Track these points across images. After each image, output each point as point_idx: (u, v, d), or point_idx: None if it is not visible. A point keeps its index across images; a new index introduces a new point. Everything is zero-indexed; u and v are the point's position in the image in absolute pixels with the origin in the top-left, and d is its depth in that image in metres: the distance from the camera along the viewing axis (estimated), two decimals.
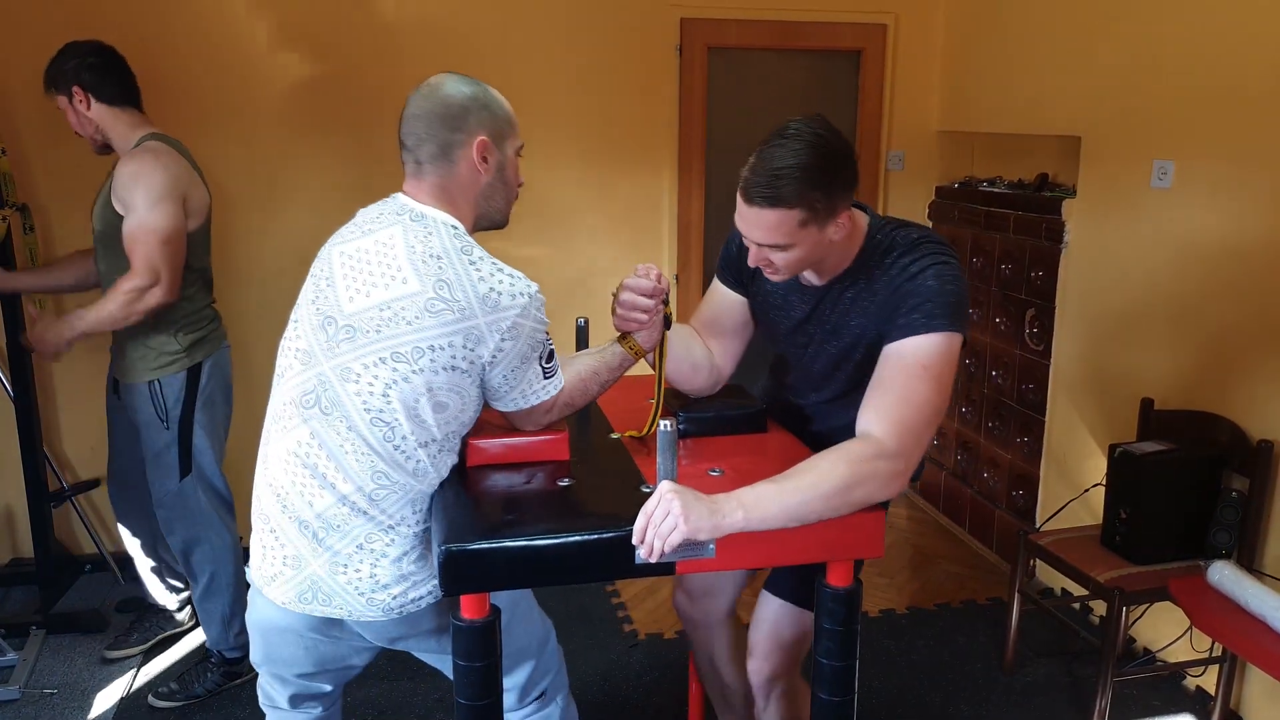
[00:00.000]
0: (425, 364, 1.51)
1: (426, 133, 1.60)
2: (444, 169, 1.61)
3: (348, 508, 1.57)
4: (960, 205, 3.79)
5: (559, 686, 1.91)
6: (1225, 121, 2.63)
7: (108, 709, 2.72)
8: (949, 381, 1.61)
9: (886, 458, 1.52)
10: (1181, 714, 2.72)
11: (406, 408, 1.53)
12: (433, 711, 2.70)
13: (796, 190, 1.54)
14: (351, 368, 1.54)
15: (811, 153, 1.54)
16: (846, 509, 1.50)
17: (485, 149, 1.62)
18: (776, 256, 1.64)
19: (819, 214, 1.58)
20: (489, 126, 1.62)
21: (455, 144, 1.60)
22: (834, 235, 1.62)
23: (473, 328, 1.52)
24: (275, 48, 3.36)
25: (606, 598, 3.33)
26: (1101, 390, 3.13)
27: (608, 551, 1.45)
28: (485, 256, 1.57)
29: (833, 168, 1.56)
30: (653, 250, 3.85)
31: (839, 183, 1.58)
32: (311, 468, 1.58)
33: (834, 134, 1.59)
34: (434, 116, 1.59)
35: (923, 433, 1.57)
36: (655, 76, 3.71)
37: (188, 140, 2.78)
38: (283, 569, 1.63)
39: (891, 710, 2.74)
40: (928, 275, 1.61)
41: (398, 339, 1.51)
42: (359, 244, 1.61)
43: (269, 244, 3.49)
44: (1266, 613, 2.23)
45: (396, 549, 1.60)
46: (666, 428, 1.43)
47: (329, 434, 1.56)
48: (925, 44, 3.91)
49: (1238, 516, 2.57)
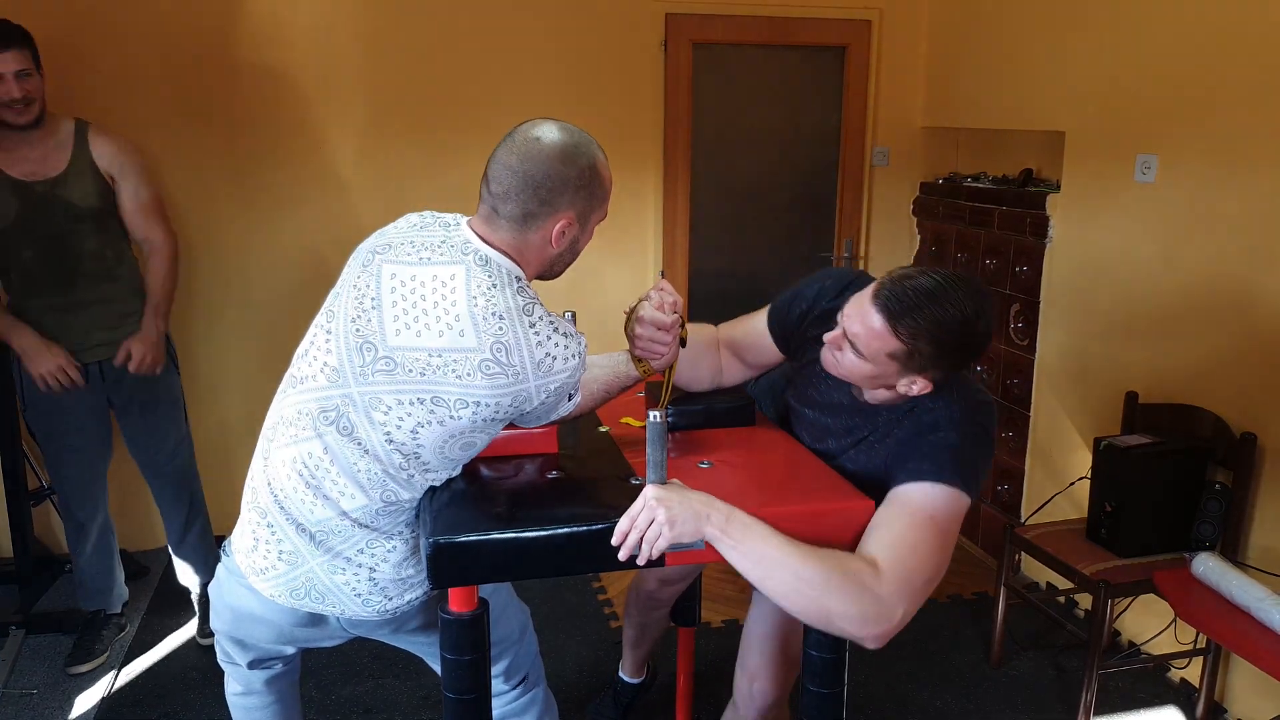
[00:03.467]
0: (466, 415, 1.48)
1: (516, 193, 1.50)
2: (519, 231, 1.52)
3: (349, 521, 1.56)
4: (945, 201, 3.80)
5: (538, 673, 1.92)
6: (1208, 116, 2.64)
7: (89, 709, 2.69)
8: (951, 544, 1.52)
9: (885, 603, 1.41)
10: (1166, 706, 2.74)
11: (432, 445, 1.51)
12: (418, 709, 2.68)
13: (913, 331, 1.48)
14: (383, 399, 1.49)
15: (953, 319, 1.47)
16: (816, 611, 1.41)
17: (567, 228, 1.54)
18: (848, 355, 1.56)
19: (912, 363, 1.51)
20: (580, 207, 1.54)
21: (539, 215, 1.51)
22: (908, 388, 1.56)
23: (523, 390, 1.49)
24: (259, 43, 3.33)
25: (593, 594, 3.32)
26: (1086, 384, 3.14)
27: (597, 544, 1.44)
28: (544, 317, 1.51)
29: (957, 346, 1.50)
30: (638, 247, 3.84)
31: (948, 360, 1.52)
32: (318, 481, 1.55)
33: (985, 323, 1.50)
34: (529, 181, 1.49)
35: (919, 594, 1.45)
36: (640, 72, 3.70)
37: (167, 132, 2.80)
38: (277, 563, 1.61)
39: (879, 703, 2.74)
40: (952, 432, 1.55)
41: (442, 387, 1.46)
42: (415, 272, 1.50)
43: (254, 239, 3.46)
44: (1250, 604, 2.24)
45: (398, 555, 1.60)
46: (655, 419, 1.42)
47: (343, 453, 1.53)
48: (910, 40, 3.91)
49: (1221, 509, 2.59)
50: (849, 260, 4.04)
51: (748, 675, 1.92)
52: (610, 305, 1.94)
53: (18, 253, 2.59)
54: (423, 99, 3.50)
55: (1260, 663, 2.13)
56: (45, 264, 2.62)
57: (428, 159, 3.52)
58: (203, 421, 3.45)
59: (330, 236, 3.45)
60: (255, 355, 3.50)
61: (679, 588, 2.34)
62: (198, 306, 3.42)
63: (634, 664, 2.55)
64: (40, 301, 2.65)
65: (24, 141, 2.56)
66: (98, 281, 2.69)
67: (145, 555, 3.51)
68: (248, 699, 1.89)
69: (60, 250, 2.62)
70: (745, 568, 1.41)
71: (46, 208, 2.58)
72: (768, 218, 4.00)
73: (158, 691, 2.76)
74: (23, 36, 2.51)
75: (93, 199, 2.62)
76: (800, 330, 1.77)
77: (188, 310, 3.38)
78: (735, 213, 3.96)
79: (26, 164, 2.56)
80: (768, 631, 1.90)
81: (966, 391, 1.61)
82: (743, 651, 1.95)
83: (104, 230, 2.67)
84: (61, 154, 2.60)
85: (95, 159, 2.63)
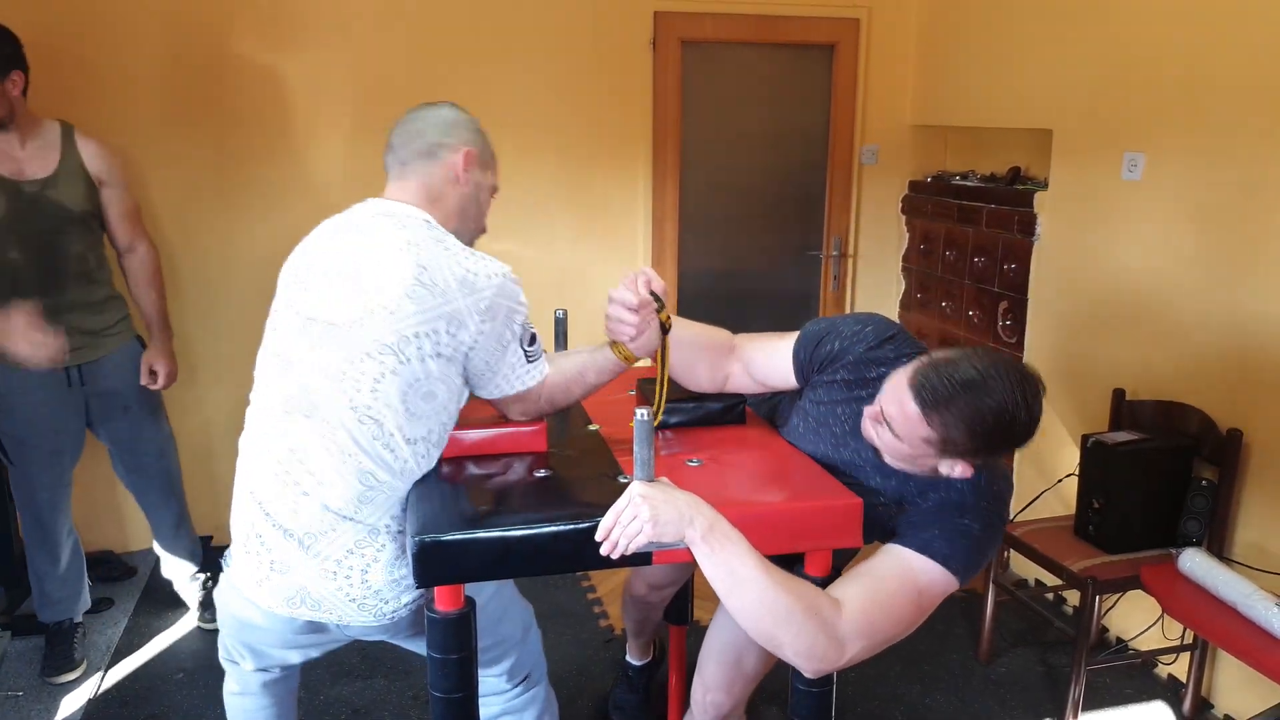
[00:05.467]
0: (412, 353, 1.50)
1: (417, 133, 1.65)
2: (426, 167, 1.64)
3: (333, 514, 1.56)
4: (933, 199, 3.80)
5: (541, 672, 1.92)
6: (1195, 114, 2.65)
7: (75, 711, 2.67)
8: (924, 617, 1.54)
9: (838, 641, 1.43)
10: (1154, 701, 2.75)
11: (396, 401, 1.51)
12: (408, 709, 2.67)
13: (947, 422, 1.45)
14: (336, 365, 1.52)
15: (990, 411, 1.44)
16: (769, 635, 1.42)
17: (470, 161, 1.67)
18: (886, 433, 1.53)
19: (948, 450, 1.49)
20: (478, 145, 1.69)
21: (443, 146, 1.65)
22: (950, 470, 1.53)
23: (454, 311, 1.51)
24: (247, 42, 3.31)
25: (582, 593, 3.32)
26: (1074, 381, 3.15)
27: (584, 542, 1.43)
28: (456, 244, 1.58)
29: (995, 438, 1.47)
30: (628, 246, 3.83)
31: (986, 450, 1.50)
32: (295, 478, 1.56)
33: (1028, 413, 1.46)
34: (428, 122, 1.67)
35: (881, 643, 1.48)
36: (629, 71, 3.69)
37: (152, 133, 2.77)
38: (270, 574, 1.62)
39: (869, 701, 2.75)
40: (977, 521, 1.55)
41: (382, 330, 1.49)
42: (334, 242, 1.61)
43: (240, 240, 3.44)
44: (1237, 599, 2.25)
45: (388, 553, 1.59)
46: (644, 417, 1.41)
47: (313, 439, 1.54)
48: (898, 38, 3.92)
49: (1208, 505, 2.60)
50: (837, 258, 4.04)
51: (703, 685, 1.92)
52: (600, 304, 1.93)
53: (4, 253, 2.54)
54: (410, 97, 3.42)
55: (1246, 658, 2.14)
56: (33, 265, 2.57)
57: None
58: (187, 421, 3.44)
59: None
60: (240, 354, 3.45)
61: (668, 592, 2.35)
62: (183, 307, 3.40)
63: (639, 649, 2.57)
64: (23, 304, 2.56)
65: (11, 143, 2.52)
66: (81, 284, 2.66)
67: (132, 556, 3.49)
68: (244, 699, 1.90)
69: (49, 251, 2.58)
70: (715, 576, 1.40)
71: (36, 208, 2.54)
72: (757, 216, 4.00)
73: (144, 693, 2.75)
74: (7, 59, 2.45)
75: (83, 202, 2.61)
76: (824, 368, 1.72)
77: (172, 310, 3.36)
78: (724, 211, 3.96)
79: (12, 163, 2.52)
80: (725, 642, 1.89)
81: (994, 475, 1.59)
82: (700, 661, 1.94)
83: (89, 233, 2.66)
84: (50, 155, 2.57)
85: (85, 162, 2.62)
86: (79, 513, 2.97)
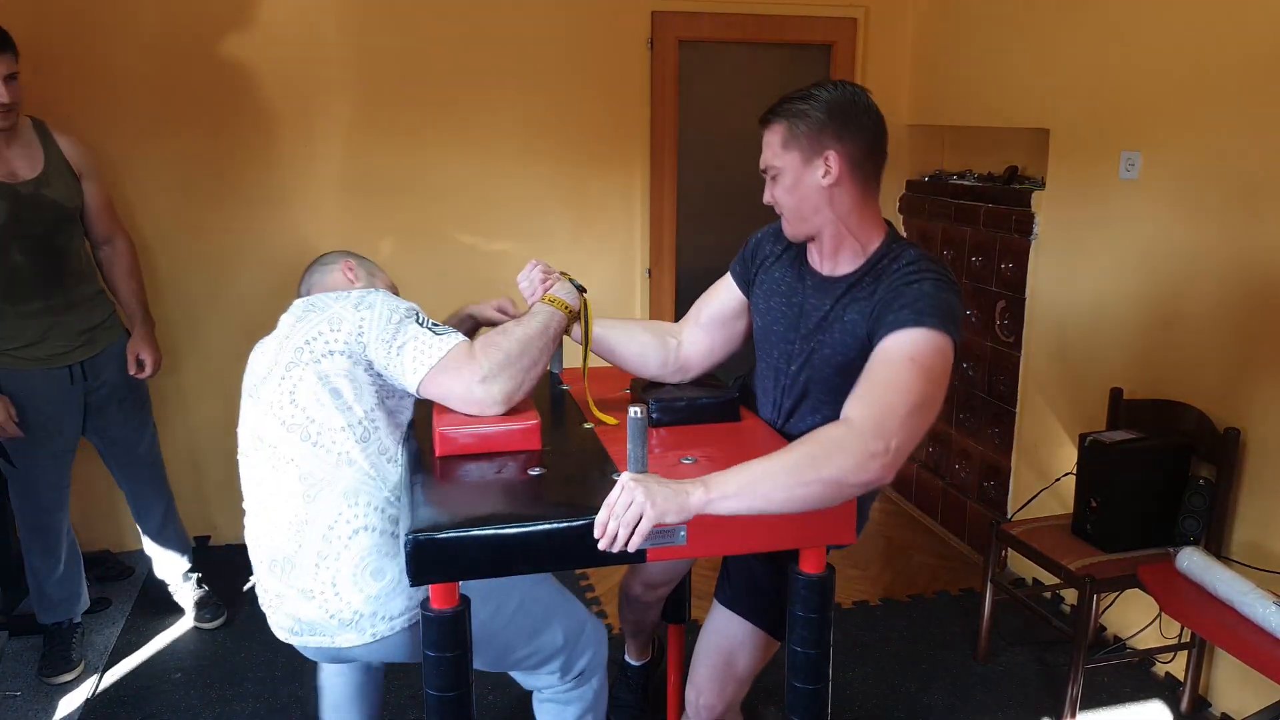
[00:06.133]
0: (307, 358, 1.66)
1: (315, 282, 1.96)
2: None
3: (295, 527, 1.67)
4: (930, 199, 3.80)
5: (595, 668, 1.96)
6: (1192, 113, 2.65)
7: (72, 711, 2.67)
8: (940, 377, 1.55)
9: (859, 436, 1.45)
10: (1152, 700, 2.75)
11: (311, 401, 1.66)
12: (405, 708, 2.67)
13: (785, 109, 1.67)
14: (268, 400, 1.70)
15: (820, 94, 1.65)
16: (819, 487, 1.42)
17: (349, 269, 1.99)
18: (776, 191, 1.73)
19: (799, 138, 1.66)
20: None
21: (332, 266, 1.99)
22: (820, 179, 1.67)
23: (331, 315, 1.69)
24: (242, 42, 3.31)
25: (580, 593, 3.32)
26: (1071, 381, 3.15)
27: (578, 540, 1.43)
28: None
29: (825, 103, 1.65)
30: (625, 246, 3.83)
31: (826, 119, 1.65)
32: (261, 507, 1.73)
33: (860, 98, 1.68)
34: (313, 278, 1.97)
35: (906, 418, 1.48)
36: (626, 70, 3.69)
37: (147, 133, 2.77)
38: (270, 608, 1.79)
39: (866, 700, 2.75)
40: (925, 283, 1.61)
41: (283, 355, 1.70)
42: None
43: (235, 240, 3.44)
44: (1234, 598, 2.25)
45: (347, 561, 1.66)
46: (636, 415, 1.42)
47: (267, 468, 1.71)
48: (895, 38, 3.92)
49: (1206, 504, 2.60)
50: None
51: (695, 689, 1.92)
52: (597, 303, 1.95)
53: (7, 255, 2.52)
54: (407, 99, 3.48)
55: (1244, 656, 2.14)
56: (34, 267, 2.56)
57: (412, 159, 3.51)
58: (174, 420, 3.45)
59: (313, 238, 3.44)
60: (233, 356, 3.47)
61: (664, 591, 2.34)
62: (180, 307, 3.41)
63: (637, 649, 2.57)
64: (26, 307, 2.57)
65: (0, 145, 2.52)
66: (79, 281, 2.68)
67: (129, 556, 3.50)
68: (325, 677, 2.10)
69: (48, 251, 2.59)
70: (749, 506, 1.40)
71: (34, 208, 2.54)
72: (755, 215, 3.94)
73: (142, 693, 2.75)
74: (7, 40, 2.46)
75: (75, 198, 2.63)
76: (755, 256, 1.93)
77: (173, 310, 3.37)
78: (722, 210, 3.96)
79: (6, 165, 2.51)
80: (717, 646, 1.89)
81: (922, 253, 1.71)
82: (692, 665, 1.94)
83: (78, 230, 2.69)
84: (34, 153, 2.57)
85: (67, 158, 2.63)
86: (76, 513, 2.98)
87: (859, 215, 1.72)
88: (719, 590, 1.93)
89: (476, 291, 2.35)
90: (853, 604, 3.28)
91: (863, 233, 1.73)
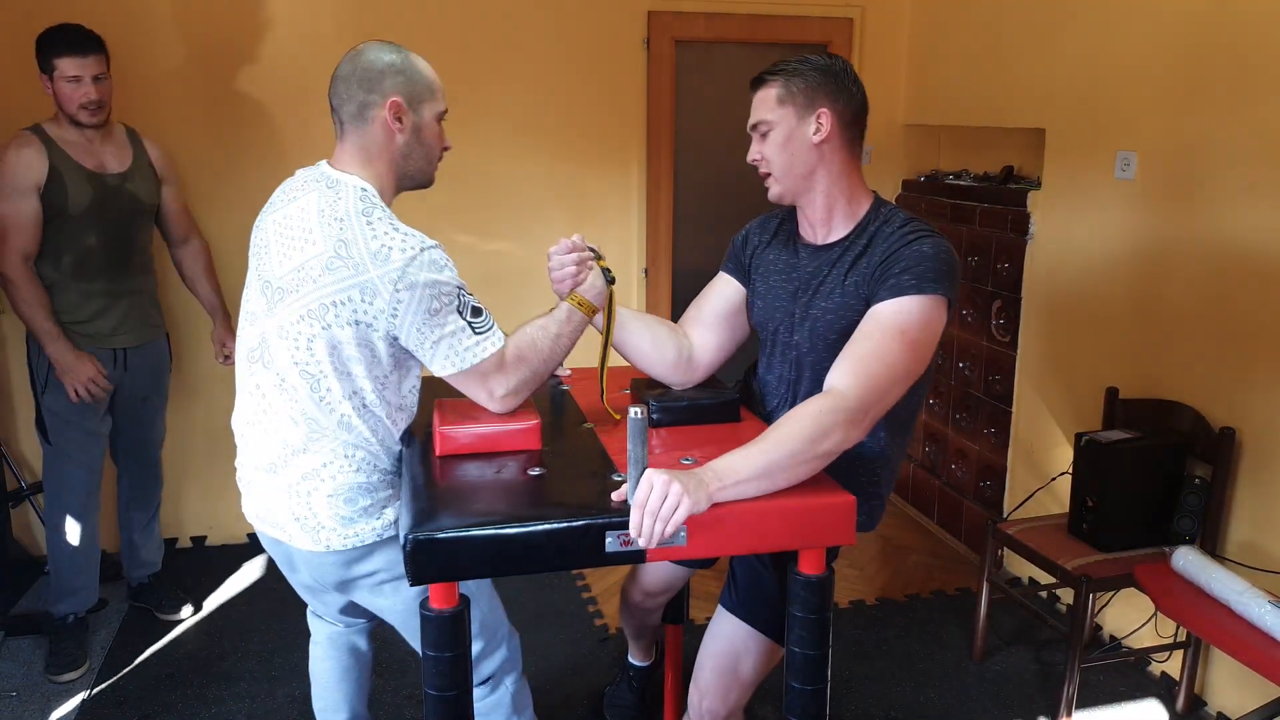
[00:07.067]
0: (330, 319, 1.61)
1: (347, 94, 1.71)
2: (359, 129, 1.71)
3: (288, 450, 1.70)
4: (927, 198, 3.81)
5: (507, 672, 1.92)
6: (1187, 113, 2.66)
7: (69, 710, 2.67)
8: (927, 348, 1.65)
9: (848, 411, 1.55)
10: (1147, 699, 2.76)
11: (325, 360, 1.63)
12: (402, 707, 2.67)
13: (781, 70, 1.73)
14: (284, 325, 1.65)
15: (814, 60, 1.74)
16: (817, 463, 1.53)
17: (399, 110, 1.71)
18: (765, 148, 1.77)
19: (794, 95, 1.72)
20: (404, 90, 1.72)
21: (369, 105, 1.70)
22: (812, 135, 1.72)
23: (366, 282, 1.59)
24: (251, 42, 3.31)
25: (577, 593, 3.32)
26: (1067, 380, 3.16)
27: (577, 540, 1.43)
28: (385, 217, 1.64)
29: (818, 67, 1.72)
30: (622, 245, 3.83)
31: (820, 80, 1.72)
32: (257, 417, 1.74)
33: (849, 68, 1.76)
34: (353, 79, 1.70)
35: (889, 390, 1.60)
36: (623, 70, 3.69)
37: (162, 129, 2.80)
38: (247, 490, 1.83)
39: (863, 699, 2.75)
40: (924, 243, 1.67)
41: (309, 297, 1.61)
42: (286, 211, 1.71)
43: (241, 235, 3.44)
44: (1230, 597, 2.25)
45: (332, 485, 1.70)
46: (637, 415, 1.42)
47: (269, 385, 1.70)
48: (891, 37, 3.93)
49: (1201, 503, 2.61)
50: None
51: (699, 692, 1.92)
52: None
53: (84, 238, 2.71)
54: None
55: (1239, 655, 2.15)
56: (106, 251, 2.76)
57: None
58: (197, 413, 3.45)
59: None
60: None
61: (663, 599, 2.34)
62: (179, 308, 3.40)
63: (641, 651, 2.58)
64: (90, 286, 2.74)
65: (93, 139, 2.72)
66: (143, 273, 2.90)
67: None
68: (313, 647, 2.10)
69: (122, 239, 2.79)
70: (756, 490, 1.48)
71: (117, 198, 2.75)
72: (752, 214, 3.97)
73: (139, 692, 2.74)
74: (100, 43, 2.66)
75: (154, 196, 2.86)
76: (746, 246, 1.98)
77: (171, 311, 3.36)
78: (718, 210, 3.96)
79: (97, 158, 2.73)
80: (721, 650, 1.89)
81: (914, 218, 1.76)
82: (696, 668, 1.93)
83: (150, 227, 2.92)
84: (124, 153, 2.80)
85: (152, 160, 2.87)
86: None
87: (848, 178, 1.78)
88: (724, 594, 1.92)
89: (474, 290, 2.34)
90: (849, 603, 3.28)
91: (852, 196, 1.79)
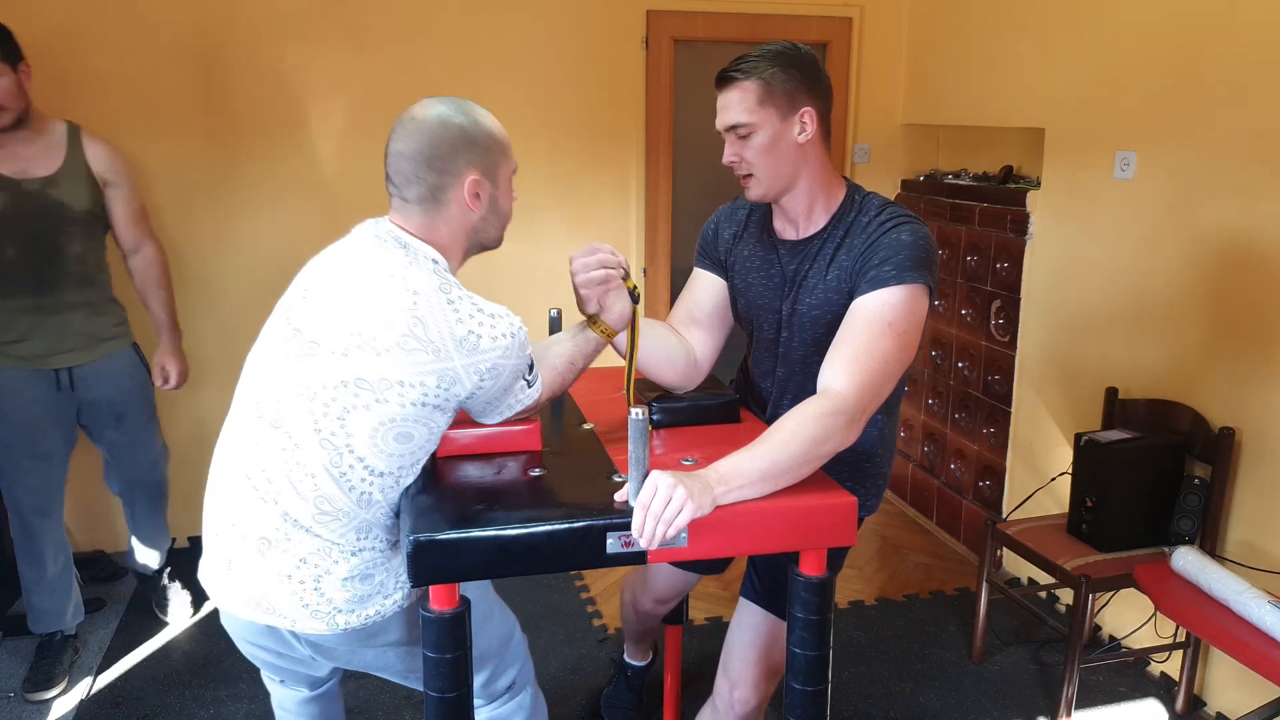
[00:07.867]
0: (393, 396, 1.44)
1: (414, 174, 1.52)
2: (432, 210, 1.55)
3: (289, 524, 1.51)
4: (926, 198, 3.81)
5: (525, 679, 1.90)
6: (1186, 113, 2.66)
7: (66, 712, 2.66)
8: (914, 338, 1.66)
9: (847, 412, 1.56)
10: (1147, 699, 2.76)
11: (364, 435, 1.45)
12: (400, 709, 2.67)
13: (755, 66, 1.66)
14: (309, 384, 1.47)
15: (776, 49, 1.68)
16: (818, 463, 1.55)
17: (477, 187, 1.56)
18: (746, 151, 1.71)
19: (776, 95, 1.67)
20: (479, 162, 1.56)
21: (445, 187, 1.53)
22: (797, 136, 1.70)
23: (447, 369, 1.45)
24: (240, 41, 3.30)
25: (576, 593, 3.31)
26: (1066, 380, 3.16)
27: (578, 542, 1.43)
28: (465, 296, 1.49)
29: (793, 62, 1.67)
30: (620, 245, 3.83)
31: (799, 76, 1.67)
32: (256, 483, 1.52)
33: (815, 57, 1.71)
34: (421, 157, 1.52)
35: (883, 385, 1.62)
36: (621, 70, 3.69)
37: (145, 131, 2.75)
38: (228, 573, 1.58)
39: (862, 700, 2.75)
40: (903, 230, 1.67)
41: (364, 367, 1.44)
42: (342, 261, 1.54)
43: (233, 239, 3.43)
44: (1229, 597, 2.25)
45: (344, 568, 1.53)
46: (638, 416, 1.41)
47: (275, 450, 1.50)
48: (890, 37, 3.92)
49: (1200, 503, 2.61)
50: None
51: (729, 681, 1.91)
52: None
53: (0, 250, 2.53)
54: (404, 96, 3.44)
55: (1238, 656, 2.15)
56: (28, 263, 2.55)
57: None
58: (180, 421, 3.43)
59: (311, 236, 3.40)
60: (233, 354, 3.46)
61: (673, 604, 2.35)
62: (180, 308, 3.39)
63: (640, 651, 2.58)
64: (17, 302, 2.57)
65: (12, 140, 2.51)
66: (80, 285, 2.65)
67: (124, 556, 3.47)
68: (282, 714, 1.92)
69: (45, 250, 2.57)
70: (760, 492, 1.49)
71: (36, 206, 2.53)
72: None
73: (136, 694, 2.74)
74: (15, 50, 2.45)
75: (85, 202, 2.61)
76: (720, 239, 1.97)
77: None
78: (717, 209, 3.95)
79: (16, 162, 2.52)
80: (750, 640, 1.89)
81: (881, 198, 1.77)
82: (724, 657, 1.93)
83: (90, 235, 2.65)
84: (54, 154, 2.57)
85: (90, 163, 2.62)
86: (71, 512, 2.96)
87: (825, 170, 1.76)
88: (745, 587, 1.93)
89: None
90: (848, 604, 3.28)
91: (830, 188, 1.78)
